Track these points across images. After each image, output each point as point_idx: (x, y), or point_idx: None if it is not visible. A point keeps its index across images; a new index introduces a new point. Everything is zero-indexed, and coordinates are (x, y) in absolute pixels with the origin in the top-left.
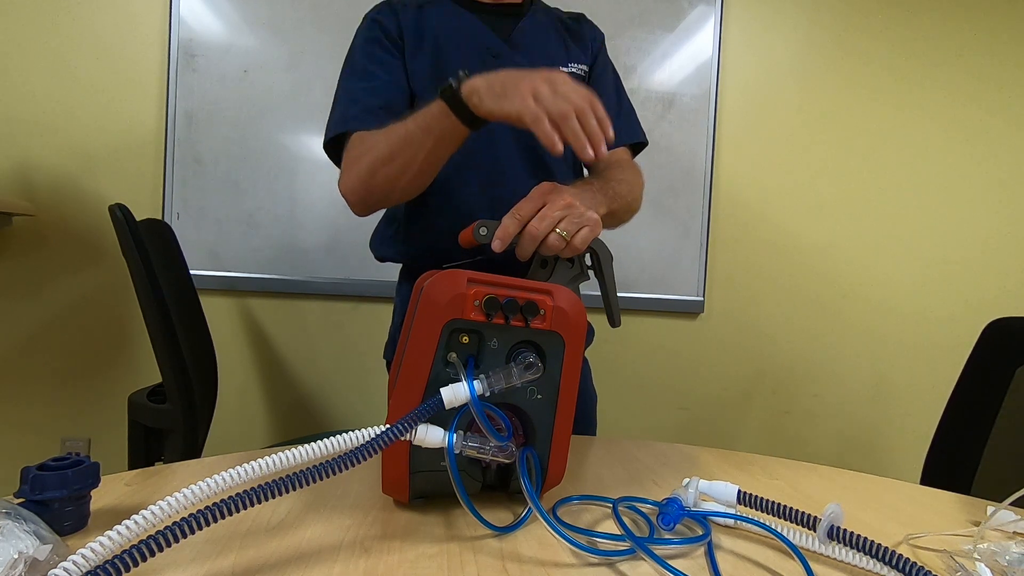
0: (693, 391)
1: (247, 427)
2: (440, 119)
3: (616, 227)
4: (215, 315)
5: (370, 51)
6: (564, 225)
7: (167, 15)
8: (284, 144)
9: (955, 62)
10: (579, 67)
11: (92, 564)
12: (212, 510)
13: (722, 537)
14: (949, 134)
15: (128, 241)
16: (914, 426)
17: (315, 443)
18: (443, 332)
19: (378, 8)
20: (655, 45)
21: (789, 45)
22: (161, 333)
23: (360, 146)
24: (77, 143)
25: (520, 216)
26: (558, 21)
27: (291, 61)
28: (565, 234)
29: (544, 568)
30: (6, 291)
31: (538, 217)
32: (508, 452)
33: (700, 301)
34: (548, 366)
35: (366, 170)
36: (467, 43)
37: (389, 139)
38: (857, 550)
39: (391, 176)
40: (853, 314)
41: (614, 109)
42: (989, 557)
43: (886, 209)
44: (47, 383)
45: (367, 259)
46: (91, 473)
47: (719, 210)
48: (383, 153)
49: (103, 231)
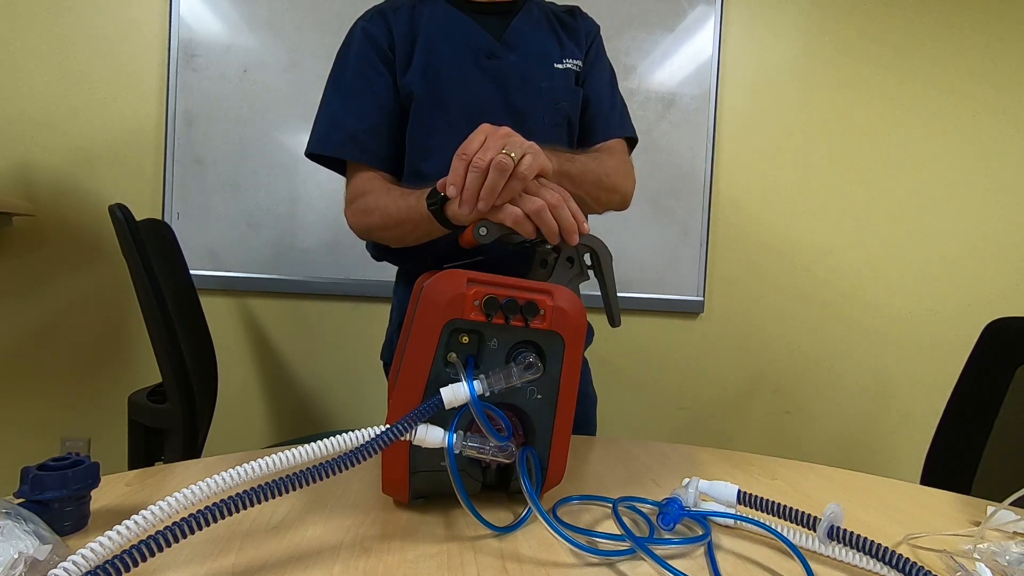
0: (693, 391)
1: (247, 427)
2: (429, 220)
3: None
4: (215, 315)
5: (359, 68)
6: (508, 148)
7: (167, 15)
8: (284, 144)
9: (955, 63)
10: (573, 62)
11: (92, 564)
12: (212, 510)
13: (722, 537)
14: (949, 134)
15: (128, 241)
16: (914, 426)
17: (315, 443)
18: (443, 332)
19: (369, 16)
20: (655, 45)
21: (789, 45)
22: (161, 333)
23: (363, 196)
24: (77, 143)
25: (466, 154)
26: (552, 16)
27: (291, 61)
28: (513, 155)
29: (544, 568)
30: (6, 291)
31: (481, 148)
32: (508, 452)
33: (700, 301)
34: (548, 366)
35: (365, 229)
36: (460, 43)
37: (387, 212)
38: (857, 550)
39: (388, 239)
40: (853, 314)
41: (608, 102)
42: (989, 557)
43: (886, 209)
44: (47, 383)
45: (367, 259)
46: (91, 473)
47: (719, 210)
48: (381, 223)
49: (103, 231)
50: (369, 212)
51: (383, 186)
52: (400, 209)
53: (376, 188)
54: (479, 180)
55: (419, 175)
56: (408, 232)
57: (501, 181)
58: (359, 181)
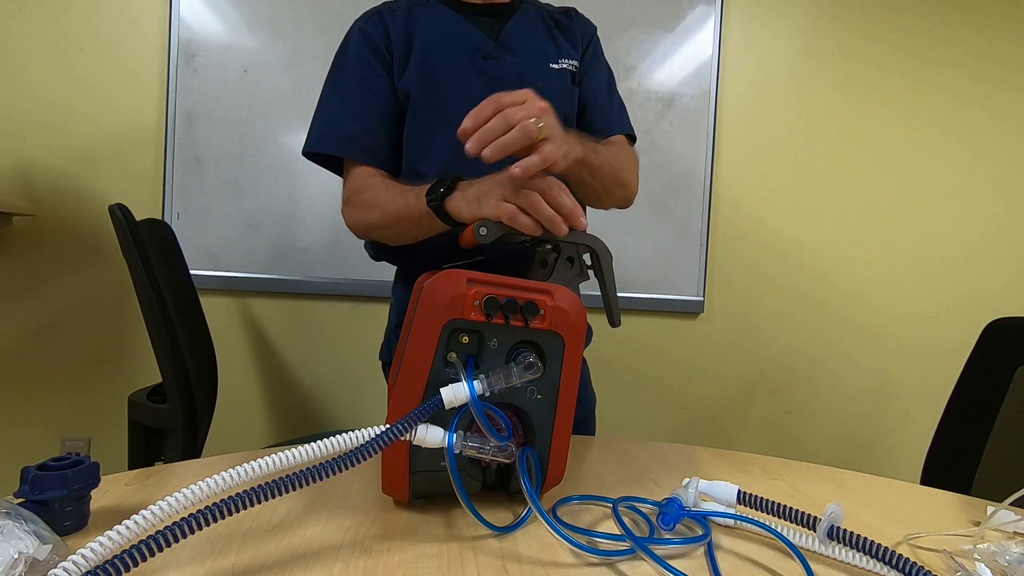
0: (693, 391)
1: (247, 427)
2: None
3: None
4: (215, 315)
5: (358, 69)
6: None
7: (167, 15)
8: (284, 144)
9: (954, 64)
10: (570, 63)
11: (92, 564)
12: (212, 510)
13: (722, 537)
14: (948, 135)
15: (128, 241)
16: (914, 426)
17: (315, 443)
18: (443, 332)
19: (367, 17)
20: (655, 45)
21: (789, 45)
22: (161, 333)
23: (360, 195)
24: (77, 143)
25: (500, 102)
26: (548, 17)
27: (291, 61)
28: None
29: (544, 568)
30: (6, 291)
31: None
32: (508, 452)
33: (700, 301)
34: (548, 366)
35: (363, 227)
36: (456, 45)
37: (386, 208)
38: (857, 550)
39: (387, 237)
40: (853, 314)
41: (605, 101)
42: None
43: (886, 208)
44: (47, 383)
45: (366, 259)
46: (91, 473)
47: (719, 210)
48: (380, 220)
49: (103, 231)
50: (368, 208)
51: (381, 182)
52: (399, 206)
53: (374, 184)
54: (501, 128)
55: (416, 174)
56: (408, 229)
57: (518, 144)
58: (357, 178)
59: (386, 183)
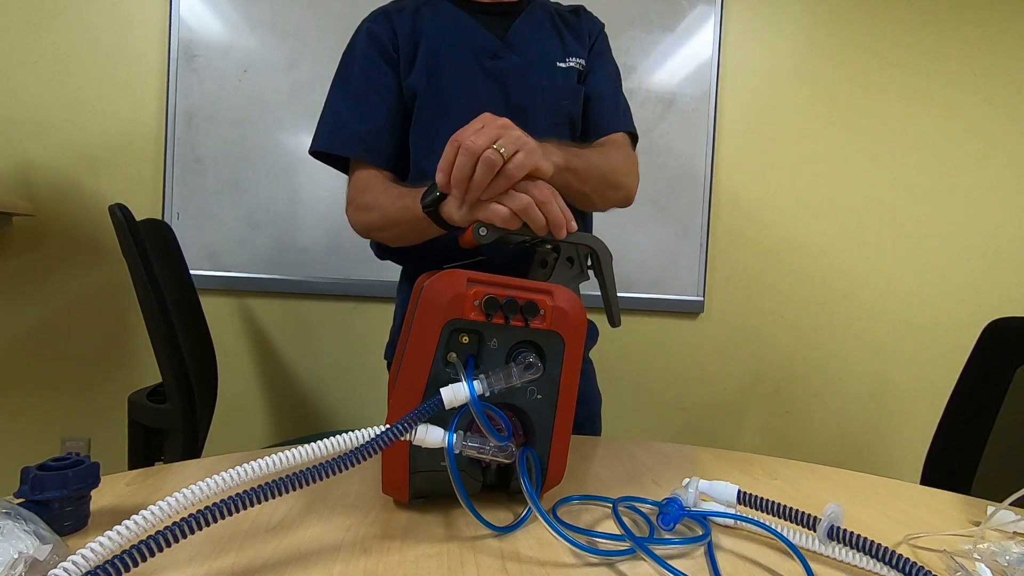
0: (693, 391)
1: (247, 427)
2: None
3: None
4: (215, 315)
5: (364, 69)
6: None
7: (167, 15)
8: (284, 144)
9: (955, 64)
10: (576, 61)
11: (92, 564)
12: (212, 510)
13: (722, 537)
14: (948, 135)
15: (128, 241)
16: (914, 426)
17: (315, 443)
18: (443, 332)
19: (374, 17)
20: (655, 45)
21: (789, 45)
22: (161, 333)
23: (363, 194)
24: (77, 143)
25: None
26: (556, 16)
27: (291, 61)
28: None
29: (544, 568)
30: (6, 291)
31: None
32: (508, 452)
33: (700, 301)
34: (548, 366)
35: (365, 228)
36: (462, 45)
37: (385, 211)
38: (857, 550)
39: (388, 239)
40: (854, 314)
41: (611, 98)
42: (989, 557)
43: (886, 209)
44: (47, 383)
45: (367, 259)
46: (91, 473)
47: (719, 210)
48: (379, 222)
49: (103, 231)
50: (368, 210)
51: (382, 184)
52: (397, 209)
53: (375, 186)
54: (468, 165)
55: (423, 173)
56: (406, 232)
57: (488, 177)
58: (360, 179)
59: (387, 185)
